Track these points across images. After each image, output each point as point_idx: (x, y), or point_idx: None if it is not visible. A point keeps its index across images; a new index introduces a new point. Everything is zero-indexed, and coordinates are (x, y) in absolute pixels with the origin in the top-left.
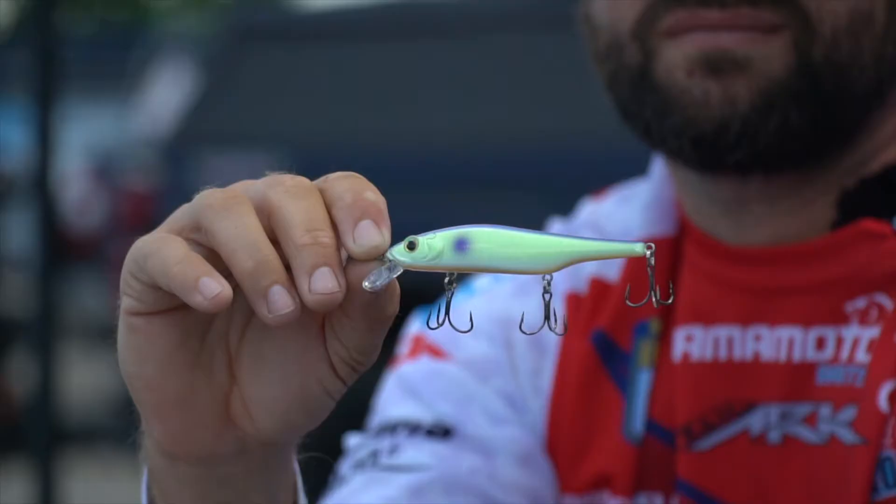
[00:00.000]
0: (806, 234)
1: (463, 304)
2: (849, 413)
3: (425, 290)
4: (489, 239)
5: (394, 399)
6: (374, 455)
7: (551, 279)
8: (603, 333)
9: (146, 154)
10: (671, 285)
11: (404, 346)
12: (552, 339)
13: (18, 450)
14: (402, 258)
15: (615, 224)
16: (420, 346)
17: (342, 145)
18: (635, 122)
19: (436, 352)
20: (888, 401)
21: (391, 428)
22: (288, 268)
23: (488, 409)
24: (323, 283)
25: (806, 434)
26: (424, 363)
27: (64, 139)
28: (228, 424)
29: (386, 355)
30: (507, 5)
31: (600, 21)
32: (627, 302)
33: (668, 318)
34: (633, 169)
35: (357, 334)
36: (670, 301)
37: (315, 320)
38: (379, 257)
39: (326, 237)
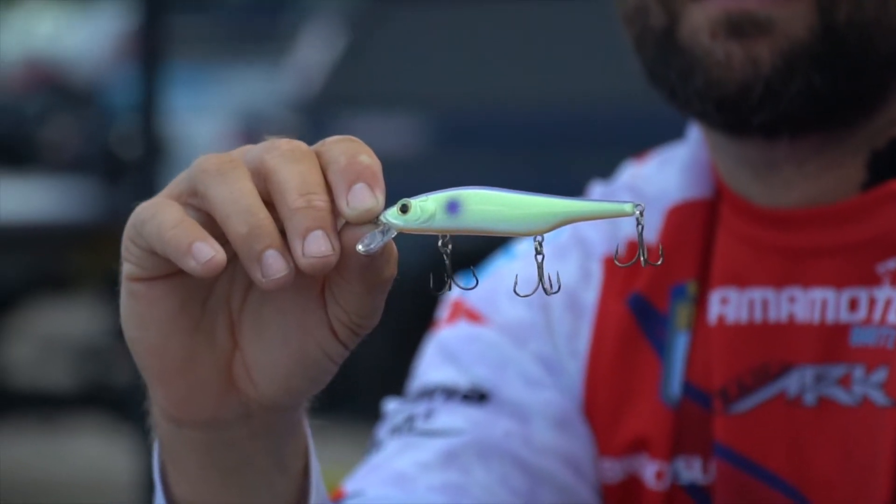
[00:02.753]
0: (837, 195)
1: (503, 267)
2: (881, 375)
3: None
4: (481, 200)
5: (432, 364)
6: (410, 420)
7: (542, 240)
8: (640, 296)
9: (289, 116)
10: (661, 248)
11: (444, 311)
12: (589, 302)
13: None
14: (395, 221)
15: (654, 187)
16: (458, 311)
17: (483, 106)
18: (661, 84)
19: (474, 316)
20: None
21: (428, 393)
22: (284, 232)
23: (525, 373)
24: (316, 246)
25: (840, 396)
26: (462, 328)
27: (217, 102)
28: (231, 389)
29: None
30: None
31: None
32: (616, 262)
33: (705, 281)
34: None
35: (355, 298)
36: (659, 263)
37: (315, 284)
38: (373, 220)
39: (320, 200)
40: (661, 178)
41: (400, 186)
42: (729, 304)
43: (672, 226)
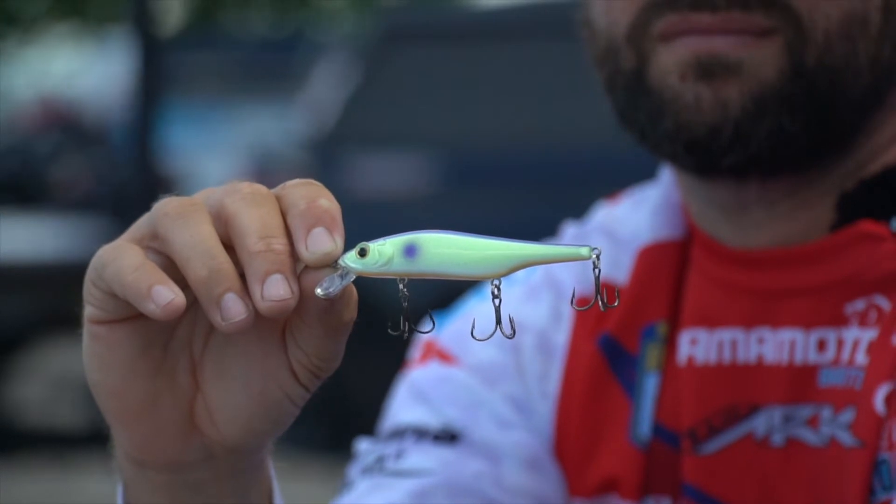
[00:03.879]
0: (807, 236)
1: (475, 308)
2: (848, 415)
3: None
4: (438, 244)
5: (403, 404)
6: (381, 460)
7: (500, 283)
8: (610, 337)
9: (301, 155)
10: (616, 290)
11: (416, 352)
12: (560, 343)
13: None
14: (353, 265)
15: (627, 228)
16: (430, 352)
17: (493, 144)
18: (631, 126)
19: (445, 357)
20: (885, 403)
21: (399, 433)
22: (244, 275)
23: (496, 414)
24: (275, 289)
25: (808, 436)
26: (434, 368)
27: (229, 140)
28: (193, 431)
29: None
30: None
31: (598, 25)
32: (573, 306)
33: (676, 322)
34: None
35: (316, 341)
36: (616, 305)
37: (276, 327)
38: (332, 264)
39: (279, 244)
40: (633, 218)
41: (411, 224)
42: (698, 345)
43: (643, 267)
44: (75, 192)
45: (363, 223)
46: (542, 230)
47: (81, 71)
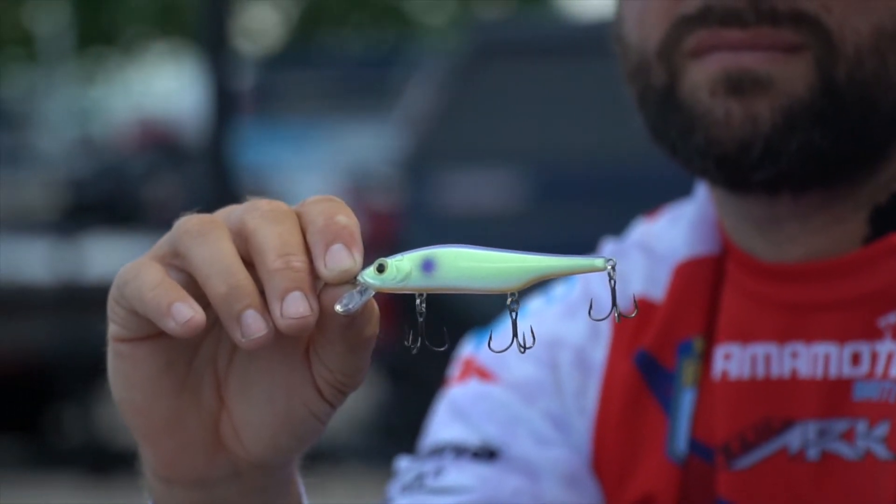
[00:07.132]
0: (840, 249)
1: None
2: (883, 429)
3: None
4: (455, 259)
5: (442, 422)
6: (420, 478)
7: (517, 297)
8: (646, 353)
9: (393, 172)
10: (635, 301)
11: (455, 369)
12: (598, 360)
13: None
14: (371, 281)
15: (664, 244)
16: (469, 369)
17: (582, 160)
18: (663, 142)
19: (484, 374)
20: None
21: (438, 450)
22: (265, 293)
23: (534, 431)
24: (294, 307)
25: (844, 450)
26: (473, 386)
27: (328, 157)
28: (219, 448)
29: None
30: None
31: (630, 41)
32: (590, 317)
33: (711, 337)
34: None
35: (338, 357)
36: (633, 315)
37: (299, 344)
38: (351, 280)
39: (299, 261)
40: (670, 234)
41: (502, 240)
42: (732, 360)
43: (679, 283)
44: (169, 212)
45: (457, 239)
46: None
47: (180, 90)
